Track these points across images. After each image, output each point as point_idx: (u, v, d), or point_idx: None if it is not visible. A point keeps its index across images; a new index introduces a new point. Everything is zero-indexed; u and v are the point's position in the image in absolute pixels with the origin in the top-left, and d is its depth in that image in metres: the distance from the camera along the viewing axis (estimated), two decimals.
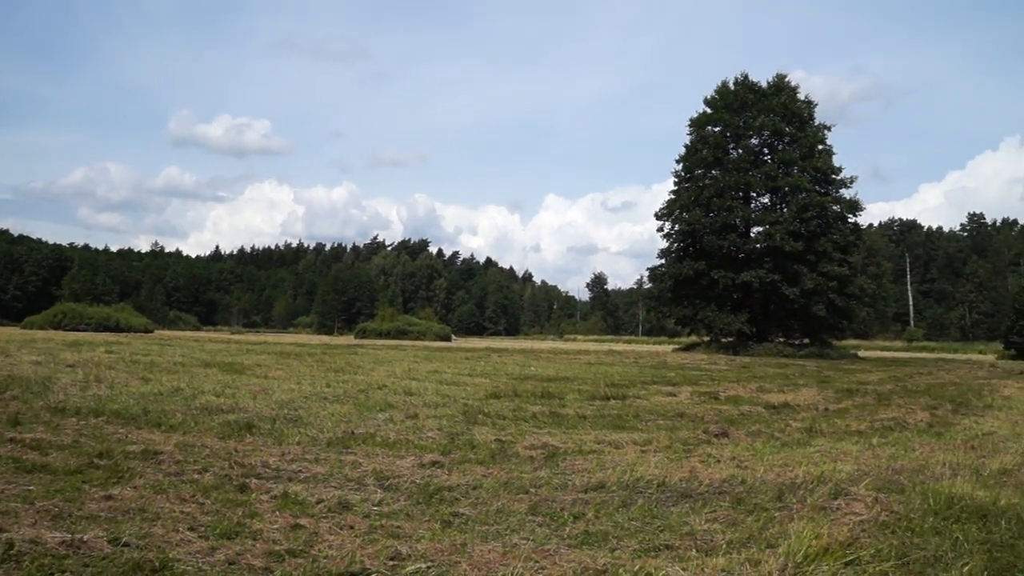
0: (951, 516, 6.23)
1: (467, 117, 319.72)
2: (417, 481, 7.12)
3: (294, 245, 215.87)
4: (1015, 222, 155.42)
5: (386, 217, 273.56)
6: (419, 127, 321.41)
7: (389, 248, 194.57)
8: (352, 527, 5.61)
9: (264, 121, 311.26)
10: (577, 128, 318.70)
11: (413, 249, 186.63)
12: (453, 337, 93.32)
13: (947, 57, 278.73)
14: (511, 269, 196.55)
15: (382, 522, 5.76)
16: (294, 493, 6.47)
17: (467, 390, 15.87)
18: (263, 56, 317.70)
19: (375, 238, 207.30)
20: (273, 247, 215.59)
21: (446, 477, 7.35)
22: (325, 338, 79.84)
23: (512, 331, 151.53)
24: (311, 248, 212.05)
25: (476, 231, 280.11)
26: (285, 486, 6.72)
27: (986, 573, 4.91)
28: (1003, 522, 6.06)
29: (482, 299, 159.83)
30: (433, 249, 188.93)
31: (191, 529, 5.37)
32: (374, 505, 6.27)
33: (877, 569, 4.97)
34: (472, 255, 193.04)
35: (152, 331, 70.87)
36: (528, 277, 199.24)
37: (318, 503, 6.20)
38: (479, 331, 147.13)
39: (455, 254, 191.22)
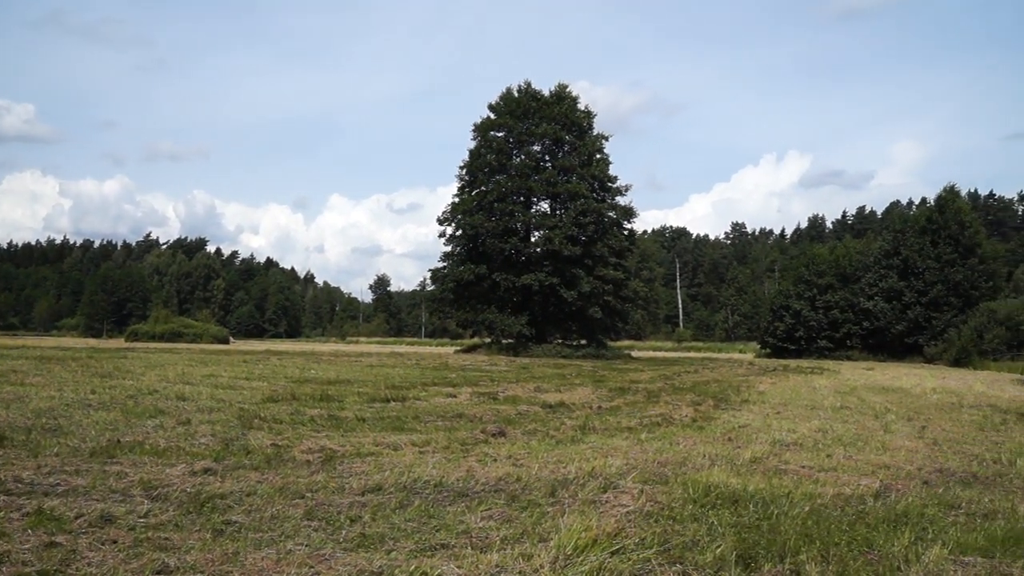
0: (708, 503, 6.67)
1: (252, 112, 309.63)
2: (188, 490, 6.83)
3: (58, 241, 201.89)
4: (771, 232, 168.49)
5: (162, 214, 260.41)
6: (200, 120, 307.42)
7: (164, 246, 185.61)
8: (115, 541, 5.31)
9: (27, 105, 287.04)
10: (364, 128, 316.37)
11: (190, 248, 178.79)
12: (231, 339, 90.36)
13: (717, 76, 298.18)
14: (293, 270, 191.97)
15: (149, 534, 5.49)
16: (50, 508, 6.03)
17: (244, 394, 15.39)
18: (26, 33, 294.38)
19: (149, 235, 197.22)
20: (34, 243, 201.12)
21: (219, 484, 7.10)
22: (92, 341, 74.95)
23: (293, 333, 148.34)
24: (78, 245, 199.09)
25: (258, 230, 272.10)
26: (40, 501, 6.26)
27: (735, 552, 5.30)
28: (751, 506, 6.58)
29: (262, 300, 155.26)
30: (211, 248, 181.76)
31: None
32: (140, 517, 5.96)
33: (640, 556, 5.26)
34: (252, 255, 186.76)
35: None
36: (310, 278, 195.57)
37: (77, 518, 5.82)
38: (259, 333, 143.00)
39: (235, 253, 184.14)
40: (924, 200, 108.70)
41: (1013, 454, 10.00)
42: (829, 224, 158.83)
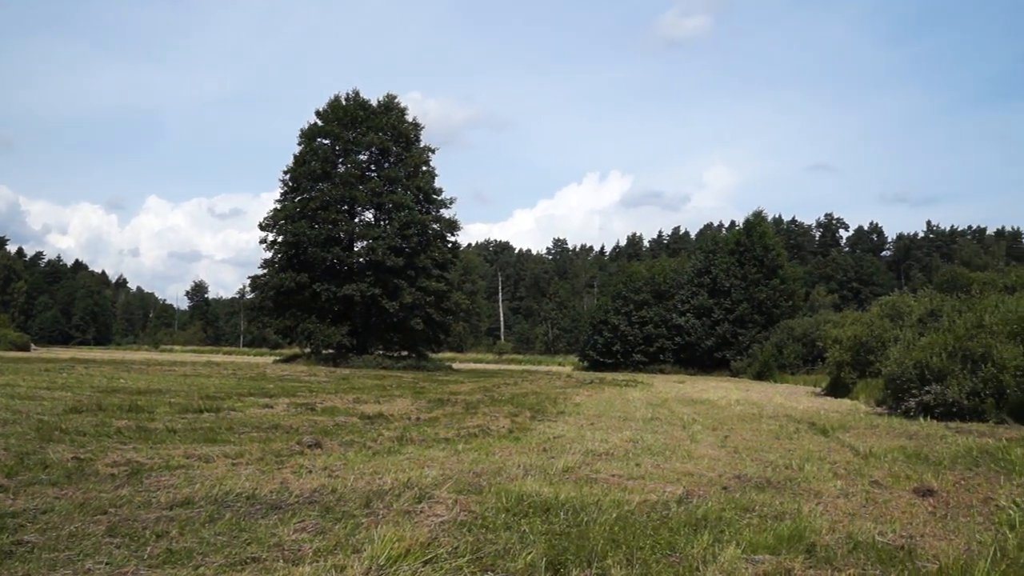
0: (520, 512, 6.82)
1: (63, 103, 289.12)
2: None
3: None
4: (591, 248, 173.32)
5: None
6: (4, 108, 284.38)
7: None
8: None
9: None
10: (186, 128, 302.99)
11: None
12: (32, 347, 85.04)
13: (548, 95, 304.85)
14: (104, 273, 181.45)
15: None
16: None
17: (44, 405, 14.52)
18: None
19: None
20: None
21: (10, 502, 6.69)
22: None
23: (102, 341, 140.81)
24: None
25: (66, 230, 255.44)
26: None
27: (545, 559, 5.46)
28: (562, 514, 6.77)
29: (69, 305, 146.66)
30: (12, 248, 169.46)
31: None
32: None
33: (453, 565, 5.34)
34: (60, 256, 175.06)
35: None
36: (123, 283, 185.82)
37: None
38: (64, 340, 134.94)
39: (39, 254, 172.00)
40: (733, 223, 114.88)
41: (802, 460, 10.70)
42: (646, 243, 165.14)
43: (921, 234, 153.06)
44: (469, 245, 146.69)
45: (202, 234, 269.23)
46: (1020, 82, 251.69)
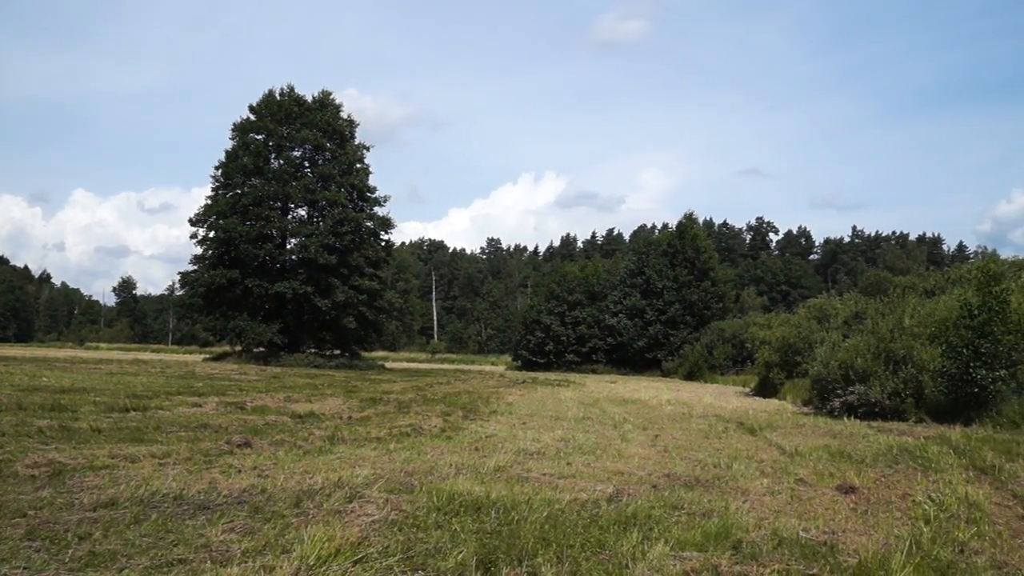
0: (451, 511, 6.84)
1: None
2: None
3: None
4: (525, 249, 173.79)
5: None
6: None
7: None
8: None
9: None
10: (115, 120, 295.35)
11: None
12: None
13: (484, 96, 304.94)
14: (26, 268, 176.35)
15: None
16: None
17: None
18: None
19: None
20: None
21: None
22: None
23: (24, 338, 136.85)
24: None
25: None
26: None
27: (476, 557, 5.49)
28: (493, 512, 6.81)
29: None
30: None
31: None
32: None
33: (384, 564, 5.34)
34: None
35: None
36: (47, 278, 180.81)
37: None
38: None
39: None
40: (666, 225, 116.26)
41: (731, 458, 10.90)
42: (580, 243, 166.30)
43: (847, 239, 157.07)
44: (403, 244, 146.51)
45: (131, 229, 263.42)
46: (942, 94, 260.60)
